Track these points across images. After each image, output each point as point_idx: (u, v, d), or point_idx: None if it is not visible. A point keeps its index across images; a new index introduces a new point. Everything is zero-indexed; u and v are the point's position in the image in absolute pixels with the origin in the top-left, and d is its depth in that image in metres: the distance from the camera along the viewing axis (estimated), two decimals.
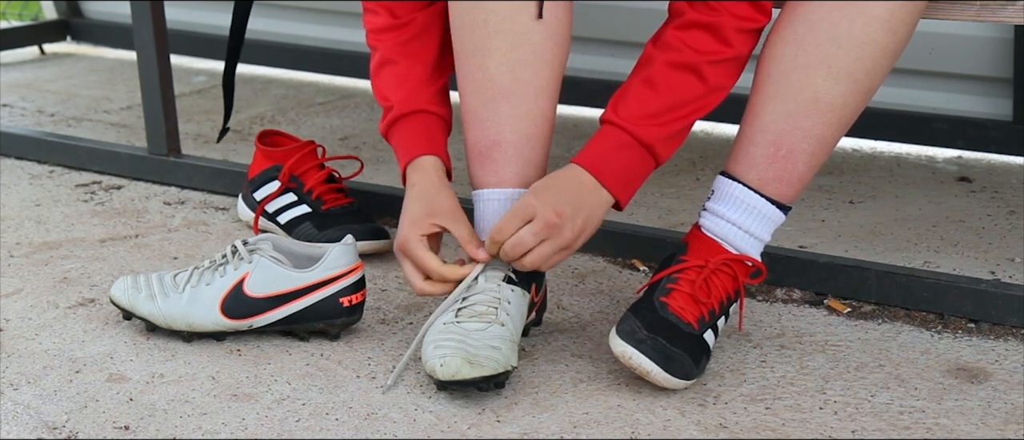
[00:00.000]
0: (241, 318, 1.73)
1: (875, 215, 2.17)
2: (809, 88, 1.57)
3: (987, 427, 1.51)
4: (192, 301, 1.73)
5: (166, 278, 1.77)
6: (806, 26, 1.57)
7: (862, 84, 1.57)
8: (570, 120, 2.79)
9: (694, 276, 1.61)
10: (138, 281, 1.78)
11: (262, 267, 1.73)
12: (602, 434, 1.51)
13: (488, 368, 1.55)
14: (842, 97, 1.57)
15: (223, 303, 1.73)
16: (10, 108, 3.02)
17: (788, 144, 1.59)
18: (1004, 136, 2.42)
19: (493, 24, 1.63)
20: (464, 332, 1.58)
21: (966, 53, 2.44)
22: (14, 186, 2.45)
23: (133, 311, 1.77)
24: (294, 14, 3.27)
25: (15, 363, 1.72)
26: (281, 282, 1.73)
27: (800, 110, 1.58)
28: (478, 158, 1.67)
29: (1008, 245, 2.02)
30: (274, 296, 1.73)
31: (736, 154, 1.63)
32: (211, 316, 1.73)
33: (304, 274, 1.73)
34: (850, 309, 1.83)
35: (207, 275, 1.74)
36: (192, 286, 1.74)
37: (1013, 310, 1.75)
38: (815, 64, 1.56)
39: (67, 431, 1.54)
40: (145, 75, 2.37)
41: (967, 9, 1.66)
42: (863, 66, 1.56)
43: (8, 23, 3.87)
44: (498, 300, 1.62)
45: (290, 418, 1.56)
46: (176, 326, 1.74)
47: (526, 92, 1.65)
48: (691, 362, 1.57)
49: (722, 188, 1.64)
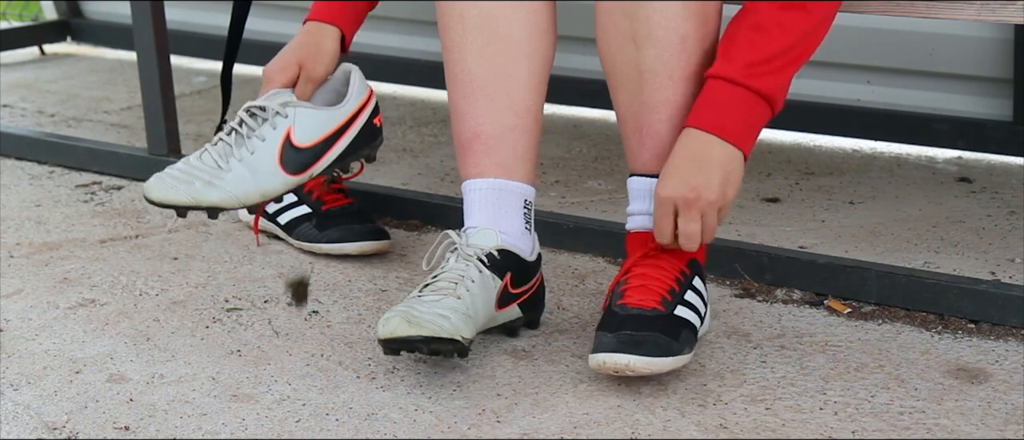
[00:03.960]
0: (302, 170, 1.74)
1: (875, 215, 2.17)
2: (628, 63, 1.64)
3: (987, 427, 1.51)
4: (253, 170, 1.71)
5: (197, 163, 1.71)
6: (603, 13, 1.65)
7: (666, 41, 1.60)
8: (570, 120, 2.79)
9: (641, 270, 1.66)
10: (174, 177, 1.70)
11: (303, 116, 1.74)
12: (602, 434, 1.51)
13: (427, 330, 1.55)
14: (654, 59, 1.62)
15: (281, 161, 1.72)
16: (10, 108, 3.02)
17: (644, 122, 1.65)
18: (1004, 136, 2.42)
19: (470, 19, 1.69)
20: (417, 302, 1.61)
21: (966, 53, 2.44)
22: (14, 186, 2.45)
23: (198, 203, 1.69)
24: (294, 14, 3.27)
25: (15, 363, 1.72)
26: (326, 124, 1.75)
27: (633, 86, 1.64)
28: (461, 151, 1.73)
29: (1008, 245, 2.02)
30: (324, 140, 1.75)
31: (626, 152, 1.70)
32: (279, 178, 1.73)
33: (342, 109, 1.76)
34: (850, 309, 1.83)
35: (245, 145, 1.73)
36: (238, 160, 1.72)
37: (1013, 310, 1.75)
38: (621, 40, 1.63)
39: (67, 431, 1.54)
40: (145, 75, 2.37)
41: (967, 9, 1.66)
42: (656, 25, 1.60)
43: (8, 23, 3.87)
44: (461, 277, 1.65)
45: (290, 418, 1.56)
46: (251, 201, 1.71)
47: (504, 85, 1.70)
48: (666, 338, 1.59)
49: (629, 188, 1.71)
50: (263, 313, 1.86)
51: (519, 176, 1.72)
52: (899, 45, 2.47)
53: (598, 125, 2.75)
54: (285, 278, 1.93)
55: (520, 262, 1.70)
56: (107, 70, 3.40)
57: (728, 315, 1.82)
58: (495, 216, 1.71)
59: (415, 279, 1.96)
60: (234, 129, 1.74)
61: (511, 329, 1.75)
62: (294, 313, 1.86)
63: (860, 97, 2.57)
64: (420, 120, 2.82)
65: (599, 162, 2.50)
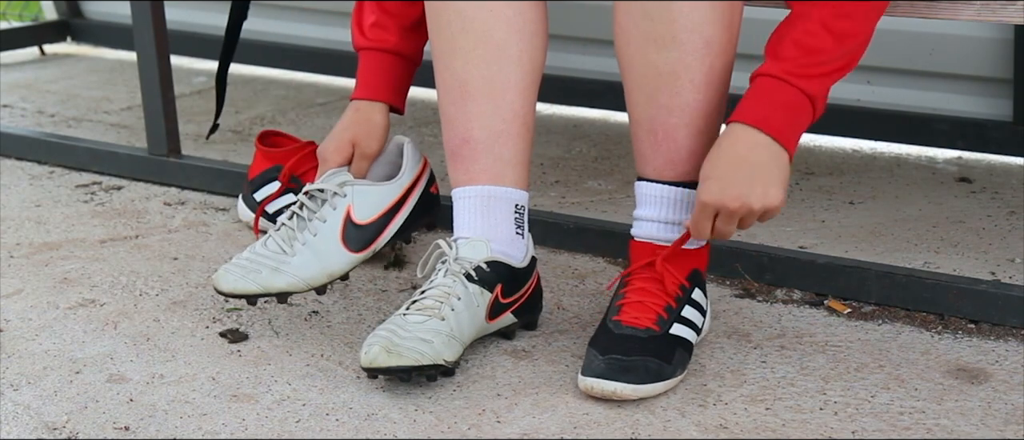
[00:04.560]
0: (365, 247, 1.77)
1: (875, 215, 2.17)
2: (647, 65, 1.60)
3: (987, 428, 1.51)
4: (317, 253, 1.74)
5: (262, 251, 1.74)
6: (623, 13, 1.61)
7: (690, 44, 1.58)
8: (571, 120, 2.79)
9: (640, 284, 1.65)
10: (242, 266, 1.73)
11: (362, 193, 1.77)
12: (602, 434, 1.51)
13: (408, 359, 1.56)
14: (676, 62, 1.59)
15: (344, 240, 1.75)
16: (10, 109, 3.02)
17: (660, 126, 1.63)
18: (1004, 136, 2.42)
19: (457, 25, 1.68)
20: (402, 324, 1.61)
21: (966, 53, 2.44)
22: (14, 186, 2.45)
23: (267, 291, 1.72)
24: (294, 14, 3.27)
25: (15, 363, 1.72)
26: (384, 199, 1.79)
27: (651, 89, 1.61)
28: (451, 157, 1.72)
29: (1008, 245, 2.02)
30: (384, 214, 1.78)
31: (635, 155, 1.68)
32: (343, 257, 1.75)
33: (398, 182, 1.80)
34: (850, 310, 1.83)
35: (308, 228, 1.75)
36: (302, 244, 1.74)
37: (1013, 310, 1.75)
38: (641, 41, 1.60)
39: (67, 432, 1.54)
40: (145, 75, 2.37)
41: (967, 9, 1.65)
42: (679, 25, 1.57)
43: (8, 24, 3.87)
44: (446, 295, 1.64)
45: (290, 418, 1.56)
46: (318, 283, 1.74)
47: (492, 89, 1.68)
48: (657, 362, 1.58)
49: (637, 192, 1.69)
50: (263, 313, 1.86)
51: (509, 181, 1.71)
52: (899, 45, 2.47)
53: (598, 125, 2.75)
54: None
55: (510, 271, 1.70)
56: (107, 70, 3.40)
57: (728, 315, 1.82)
58: (484, 224, 1.70)
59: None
60: (295, 213, 1.77)
61: (507, 333, 1.74)
62: (294, 313, 1.86)
63: (860, 97, 2.57)
64: (420, 120, 2.82)
65: (599, 162, 2.50)
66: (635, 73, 1.62)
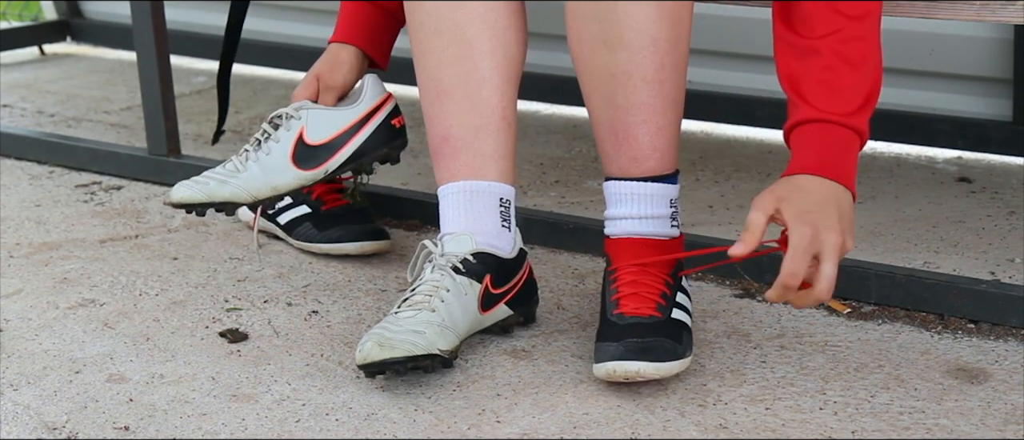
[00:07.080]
0: (315, 166, 1.82)
1: (875, 215, 2.17)
2: (600, 67, 1.63)
3: (987, 427, 1.51)
4: (265, 169, 1.81)
5: (218, 169, 1.83)
6: (573, 16, 1.64)
7: (638, 43, 1.60)
8: (571, 120, 2.79)
9: (628, 278, 1.66)
10: (194, 181, 1.82)
11: (314, 116, 1.83)
12: (602, 434, 1.51)
13: (400, 351, 1.56)
14: (627, 62, 1.61)
15: (293, 158, 1.81)
16: (10, 108, 3.02)
17: (620, 126, 1.65)
18: (1004, 136, 2.42)
19: (430, 26, 1.71)
20: (393, 320, 1.62)
21: (966, 53, 2.44)
22: (14, 186, 2.45)
23: (211, 200, 1.81)
24: (294, 14, 3.27)
25: (15, 363, 1.72)
26: (337, 123, 1.84)
27: (607, 90, 1.64)
28: (434, 156, 1.74)
29: (1008, 245, 2.02)
30: (336, 137, 1.83)
31: (601, 155, 1.70)
32: (289, 173, 1.82)
33: (355, 108, 1.84)
34: (850, 309, 1.83)
35: (263, 147, 1.83)
36: (254, 161, 1.82)
37: (1013, 310, 1.75)
38: (592, 43, 1.62)
39: (67, 431, 1.54)
40: (145, 75, 2.37)
41: (967, 9, 1.66)
42: (626, 26, 1.59)
43: (8, 23, 3.87)
44: (435, 288, 1.65)
45: (290, 418, 1.56)
46: (262, 195, 1.81)
47: (467, 87, 1.71)
48: (672, 342, 1.60)
49: (606, 192, 1.71)
50: (263, 313, 1.86)
51: (492, 175, 1.71)
52: (899, 45, 2.46)
53: None
54: None
55: (499, 262, 1.70)
56: (107, 70, 3.40)
57: (728, 315, 1.82)
58: (468, 219, 1.71)
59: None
60: (257, 139, 1.84)
61: (505, 327, 1.75)
62: (294, 313, 1.86)
63: None
64: (419, 120, 2.81)
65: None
66: (590, 75, 1.65)
